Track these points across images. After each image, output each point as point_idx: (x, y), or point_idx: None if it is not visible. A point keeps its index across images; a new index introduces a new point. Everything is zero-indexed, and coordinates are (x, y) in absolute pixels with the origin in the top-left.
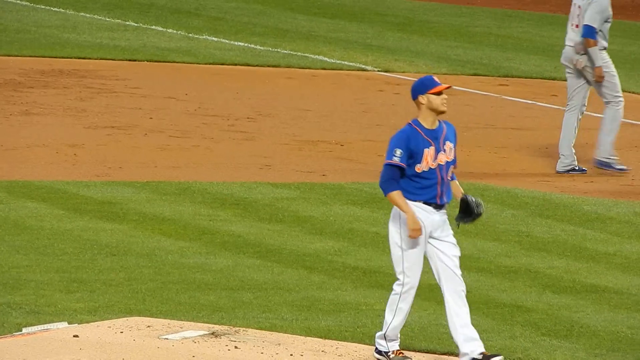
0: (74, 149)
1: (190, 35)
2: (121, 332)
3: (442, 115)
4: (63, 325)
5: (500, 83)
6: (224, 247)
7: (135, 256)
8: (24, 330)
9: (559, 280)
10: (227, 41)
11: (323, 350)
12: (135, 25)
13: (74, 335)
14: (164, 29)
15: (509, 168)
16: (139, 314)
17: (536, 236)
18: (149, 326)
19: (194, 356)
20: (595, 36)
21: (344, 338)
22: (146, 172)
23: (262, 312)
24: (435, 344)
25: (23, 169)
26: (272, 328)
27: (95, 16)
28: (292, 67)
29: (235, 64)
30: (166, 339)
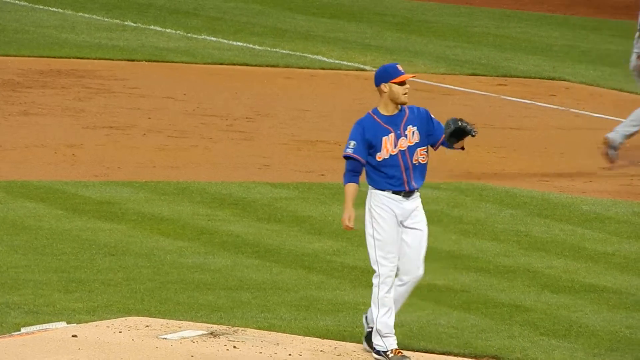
0: (73, 149)
1: (188, 35)
2: (120, 332)
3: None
4: (62, 325)
5: (499, 83)
6: (222, 247)
7: (133, 256)
8: (23, 330)
9: (557, 280)
10: (226, 41)
11: (321, 350)
12: (134, 25)
13: (72, 335)
14: (163, 29)
15: (508, 168)
16: (138, 313)
17: (535, 236)
18: (147, 326)
19: (192, 356)
20: None
21: (343, 338)
22: (145, 172)
23: (261, 312)
24: (434, 343)
25: (22, 169)
26: (271, 328)
27: (94, 16)
28: (291, 67)
29: (233, 64)
30: (165, 338)
